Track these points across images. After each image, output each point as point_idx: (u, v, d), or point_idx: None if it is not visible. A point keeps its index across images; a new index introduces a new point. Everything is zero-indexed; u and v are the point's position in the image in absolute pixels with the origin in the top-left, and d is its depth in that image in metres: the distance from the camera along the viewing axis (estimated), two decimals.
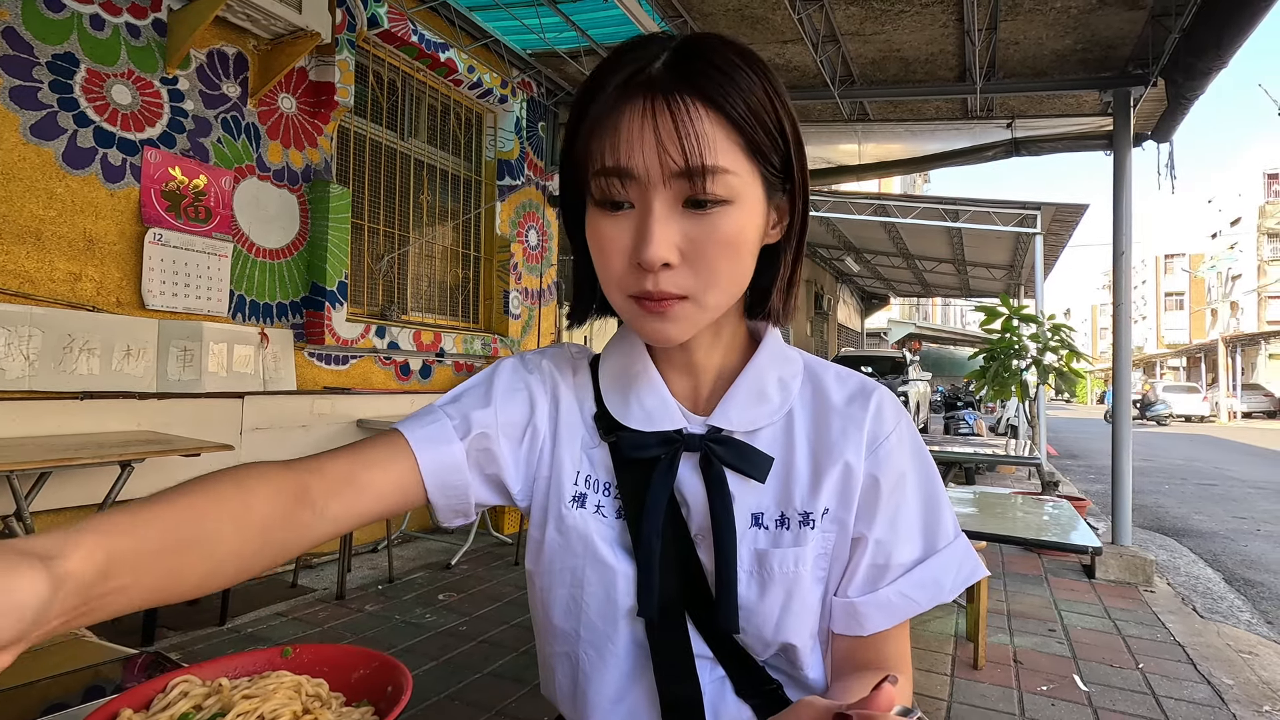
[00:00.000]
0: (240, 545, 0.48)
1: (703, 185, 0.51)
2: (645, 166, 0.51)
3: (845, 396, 0.65)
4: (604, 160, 0.53)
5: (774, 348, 0.66)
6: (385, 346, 3.85)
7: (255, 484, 0.50)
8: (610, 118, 0.53)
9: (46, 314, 2.46)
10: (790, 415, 0.64)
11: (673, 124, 0.51)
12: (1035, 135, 4.66)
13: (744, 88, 0.52)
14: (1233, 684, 2.48)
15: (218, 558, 0.46)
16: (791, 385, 0.65)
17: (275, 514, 0.50)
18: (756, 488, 0.62)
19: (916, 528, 0.62)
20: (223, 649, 2.42)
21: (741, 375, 0.64)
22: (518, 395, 0.66)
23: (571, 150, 0.57)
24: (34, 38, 2.46)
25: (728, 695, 0.62)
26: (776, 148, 0.55)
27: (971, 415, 11.51)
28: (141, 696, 0.58)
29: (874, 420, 0.63)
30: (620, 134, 0.52)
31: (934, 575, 0.61)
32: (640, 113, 0.52)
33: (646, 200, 0.53)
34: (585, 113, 0.55)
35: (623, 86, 0.53)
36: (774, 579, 0.60)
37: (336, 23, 3.39)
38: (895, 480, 0.62)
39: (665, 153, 0.51)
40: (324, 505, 0.54)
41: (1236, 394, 25.43)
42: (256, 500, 0.49)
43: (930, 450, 0.68)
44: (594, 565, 0.62)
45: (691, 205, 0.53)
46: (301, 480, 0.53)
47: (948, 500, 0.64)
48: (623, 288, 0.56)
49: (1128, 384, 3.90)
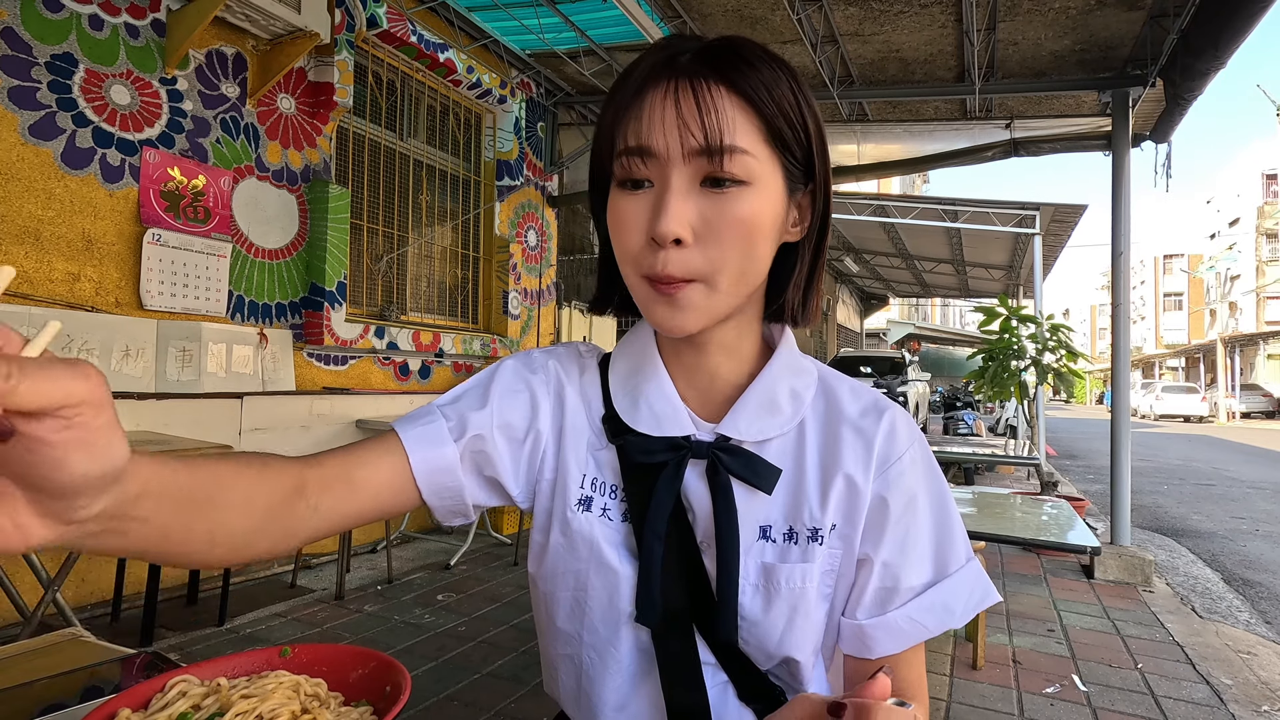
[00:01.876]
0: (241, 522, 0.48)
1: (721, 163, 0.52)
2: (666, 144, 0.52)
3: (858, 412, 0.63)
4: (628, 140, 0.54)
5: (788, 357, 0.65)
6: (384, 347, 3.85)
7: (268, 465, 0.51)
8: (635, 102, 0.54)
9: (45, 314, 2.46)
10: (802, 427, 0.63)
11: (694, 102, 0.52)
12: (1034, 136, 4.67)
13: (768, 78, 0.54)
14: (1231, 684, 2.48)
15: (224, 524, 0.47)
16: (804, 396, 0.64)
17: (277, 497, 0.51)
18: (765, 500, 0.61)
19: (927, 551, 0.61)
20: (221, 649, 2.41)
21: (753, 384, 0.63)
22: (518, 397, 0.65)
23: (599, 137, 0.58)
24: (33, 38, 2.46)
25: (730, 701, 0.62)
26: (799, 140, 0.56)
27: (970, 415, 11.53)
28: (140, 696, 0.58)
29: (885, 440, 0.62)
30: (644, 115, 0.53)
31: (944, 600, 0.60)
32: (664, 93, 0.53)
33: (665, 177, 0.53)
34: (616, 94, 0.56)
35: (649, 73, 0.55)
36: (780, 594, 0.59)
37: (335, 23, 3.39)
38: (906, 502, 0.61)
39: (686, 129, 0.52)
40: (317, 500, 0.54)
41: (1235, 394, 25.44)
42: (267, 480, 0.50)
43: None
44: (598, 569, 0.62)
45: (710, 185, 0.53)
46: (300, 472, 0.53)
47: (961, 523, 0.63)
48: (637, 266, 0.56)
49: (1126, 384, 3.90)
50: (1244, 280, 36.37)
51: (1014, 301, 6.09)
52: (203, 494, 0.45)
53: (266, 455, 0.52)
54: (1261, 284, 34.14)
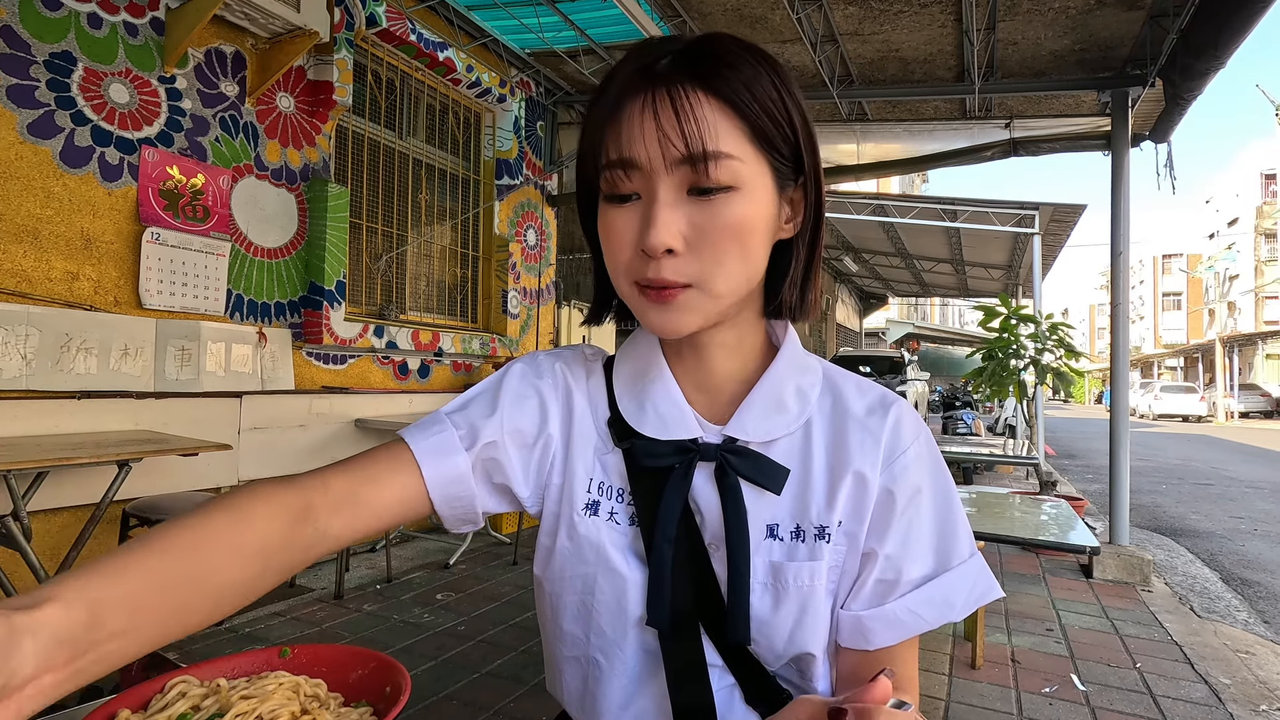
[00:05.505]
0: (240, 573, 0.47)
1: (706, 171, 0.51)
2: (648, 155, 0.52)
3: (865, 408, 0.63)
4: (610, 154, 0.54)
5: (792, 355, 0.64)
6: (383, 346, 3.84)
7: (252, 507, 0.50)
8: (615, 113, 0.54)
9: (44, 313, 2.46)
10: (809, 425, 0.63)
11: (673, 111, 0.51)
12: (1033, 135, 4.67)
13: (747, 76, 0.53)
14: (1230, 683, 2.49)
15: (219, 588, 0.46)
16: (810, 395, 0.63)
17: (274, 536, 0.50)
18: (772, 499, 0.61)
19: (929, 544, 0.61)
20: (220, 649, 2.41)
21: (759, 384, 0.62)
22: (528, 402, 0.64)
23: (582, 151, 0.58)
24: (31, 36, 2.46)
25: (737, 703, 0.62)
26: (785, 137, 0.55)
27: (970, 415, 11.53)
28: (139, 697, 0.58)
29: (892, 433, 0.62)
30: (623, 127, 0.53)
31: (944, 593, 0.60)
32: (642, 104, 0.52)
33: (651, 189, 0.53)
34: (593, 112, 0.56)
35: (626, 82, 0.54)
36: (788, 592, 0.59)
37: (335, 21, 3.38)
38: (910, 495, 0.61)
39: (666, 139, 0.51)
40: (326, 524, 0.53)
41: (1234, 394, 25.45)
42: (254, 525, 0.49)
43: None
44: (605, 573, 0.62)
45: (697, 193, 0.53)
46: (305, 497, 0.53)
47: (965, 518, 0.63)
48: (629, 274, 0.56)
49: (1125, 383, 3.90)
50: (1243, 280, 36.40)
51: (1014, 301, 6.09)
52: (178, 574, 0.44)
53: (256, 491, 0.51)
54: (1260, 284, 34.17)
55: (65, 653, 0.37)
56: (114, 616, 0.39)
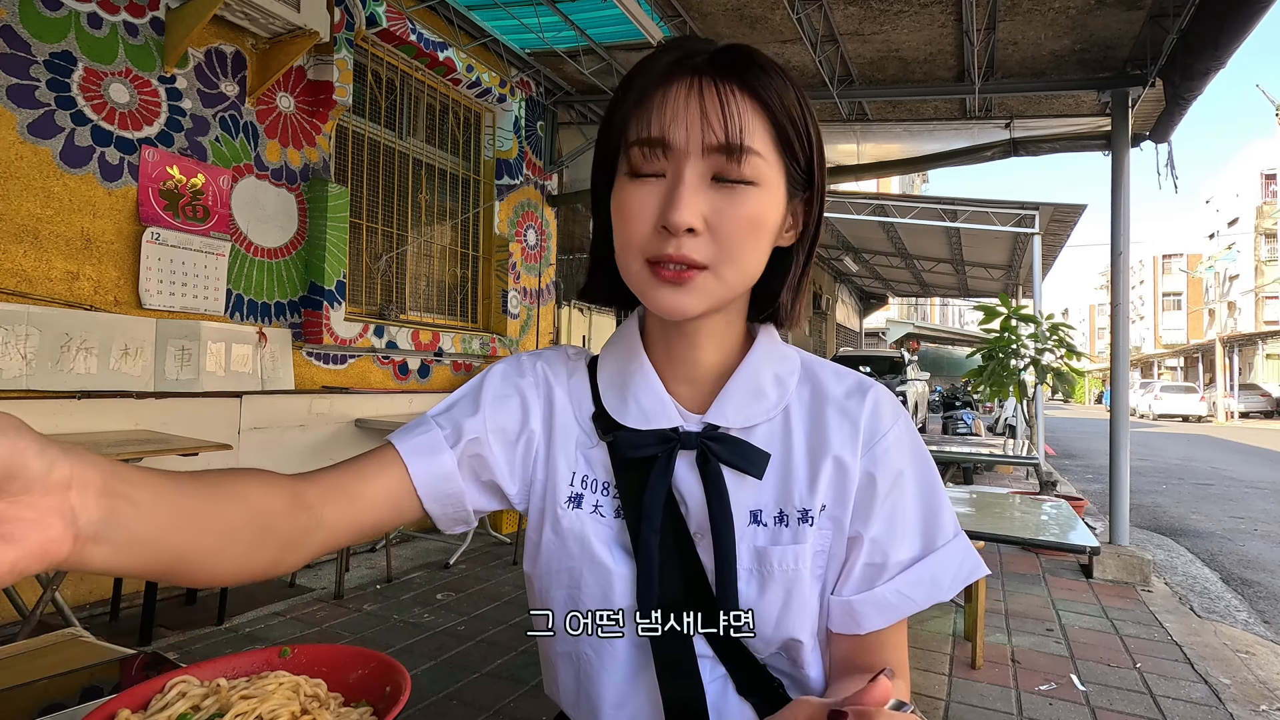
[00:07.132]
0: (244, 521, 0.49)
1: (736, 163, 0.54)
2: (685, 137, 0.54)
3: (842, 393, 0.65)
4: (644, 130, 0.55)
5: (769, 344, 0.66)
6: (383, 346, 3.85)
7: (255, 476, 0.52)
8: (657, 91, 0.55)
9: (44, 313, 2.46)
10: (788, 412, 0.64)
11: (718, 101, 0.54)
12: (1033, 135, 4.67)
13: (779, 86, 0.56)
14: (1230, 683, 2.49)
15: (229, 529, 0.47)
16: (788, 382, 0.65)
17: (274, 505, 0.51)
18: (755, 485, 0.62)
19: (914, 526, 0.62)
20: (220, 649, 2.41)
21: (737, 372, 0.64)
22: (509, 401, 0.66)
23: (612, 122, 0.59)
24: (31, 36, 2.46)
25: (729, 694, 0.62)
26: (803, 147, 0.58)
27: (969, 415, 11.55)
28: (139, 697, 0.58)
29: (871, 418, 0.63)
30: (666, 106, 0.55)
31: (931, 573, 0.61)
32: (687, 88, 0.55)
33: (679, 170, 0.54)
34: (631, 86, 0.57)
35: (671, 66, 0.56)
36: (773, 576, 0.60)
37: (335, 21, 3.38)
38: (893, 478, 0.62)
39: (708, 126, 0.53)
40: (319, 510, 0.54)
41: (1234, 394, 25.46)
42: (256, 489, 0.51)
43: (928, 450, 0.67)
44: (590, 566, 0.63)
45: (720, 182, 0.55)
46: (295, 485, 0.54)
47: (947, 499, 0.64)
48: (643, 251, 0.56)
49: (1125, 383, 3.90)
50: (1243, 280, 36.39)
51: (1014, 301, 6.09)
52: (193, 492, 0.45)
53: (254, 469, 0.53)
54: (1260, 284, 34.17)
55: (95, 475, 0.38)
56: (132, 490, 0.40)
